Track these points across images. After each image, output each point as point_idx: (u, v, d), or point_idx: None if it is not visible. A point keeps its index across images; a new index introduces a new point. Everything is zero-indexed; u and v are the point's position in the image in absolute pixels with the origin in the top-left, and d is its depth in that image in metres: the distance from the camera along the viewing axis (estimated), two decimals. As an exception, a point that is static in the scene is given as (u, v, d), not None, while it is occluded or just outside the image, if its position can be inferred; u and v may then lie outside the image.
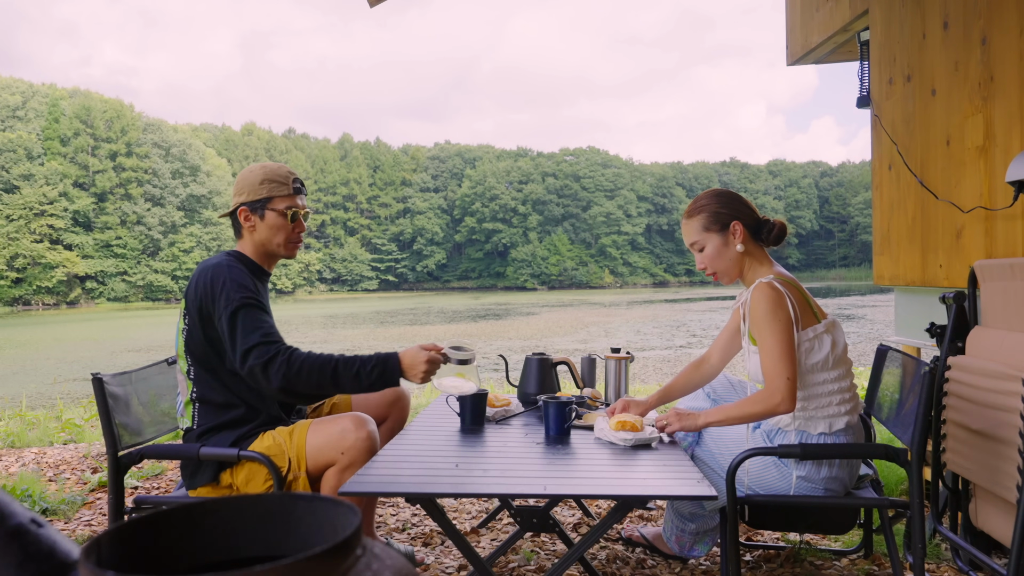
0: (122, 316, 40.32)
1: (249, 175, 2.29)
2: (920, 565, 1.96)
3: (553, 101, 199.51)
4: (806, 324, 2.03)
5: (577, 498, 3.04)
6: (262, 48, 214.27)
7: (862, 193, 75.50)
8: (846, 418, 2.05)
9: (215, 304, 2.09)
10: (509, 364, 2.97)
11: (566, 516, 3.05)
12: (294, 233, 2.31)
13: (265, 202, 2.26)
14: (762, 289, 2.02)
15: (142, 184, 58.94)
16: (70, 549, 0.62)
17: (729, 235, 2.13)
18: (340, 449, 2.07)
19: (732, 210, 2.14)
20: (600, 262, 76.91)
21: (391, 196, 77.66)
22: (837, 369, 2.06)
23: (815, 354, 2.03)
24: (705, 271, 2.19)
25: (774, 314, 1.99)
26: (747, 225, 2.14)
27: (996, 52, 2.76)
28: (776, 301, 2.00)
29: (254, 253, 2.30)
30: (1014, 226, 2.67)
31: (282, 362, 1.98)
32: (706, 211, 2.15)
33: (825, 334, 2.05)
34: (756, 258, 2.16)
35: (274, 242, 2.28)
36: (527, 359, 2.74)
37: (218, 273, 2.12)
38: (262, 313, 2.10)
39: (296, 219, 2.30)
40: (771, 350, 1.98)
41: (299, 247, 2.36)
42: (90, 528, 3.03)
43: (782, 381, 1.96)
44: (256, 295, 2.12)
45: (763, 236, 2.17)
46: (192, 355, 2.17)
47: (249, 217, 2.27)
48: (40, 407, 7.60)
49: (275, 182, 2.27)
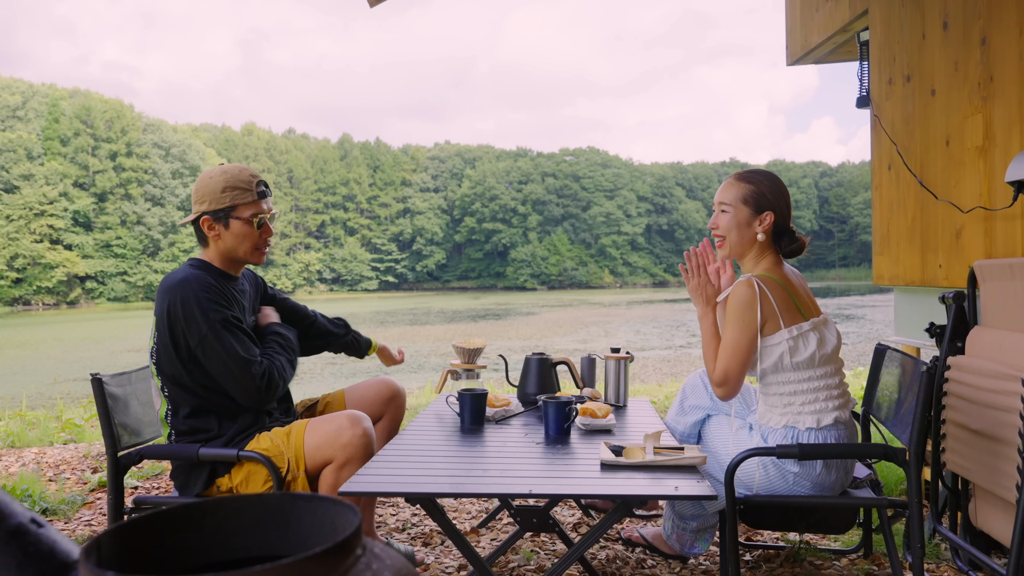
0: (122, 316, 40.32)
1: (210, 182, 2.18)
2: (919, 565, 1.96)
3: (553, 101, 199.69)
4: (789, 322, 2.05)
5: (577, 498, 3.04)
6: (262, 48, 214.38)
7: (862, 193, 75.49)
8: (835, 414, 2.05)
9: (188, 330, 2.06)
10: (509, 364, 2.97)
11: (566, 516, 3.05)
12: (261, 239, 2.24)
13: (229, 211, 2.17)
14: (739, 287, 2.07)
15: (142, 184, 58.94)
16: (70, 549, 0.62)
17: (757, 220, 2.15)
18: (337, 447, 2.07)
19: (775, 201, 2.16)
20: (600, 262, 76.90)
21: (391, 196, 77.64)
22: (824, 367, 2.07)
23: (799, 352, 2.04)
24: (715, 231, 2.22)
25: (742, 313, 2.05)
26: (776, 223, 2.16)
27: (996, 52, 2.76)
28: (748, 301, 2.04)
29: (220, 261, 2.23)
30: (1013, 226, 2.67)
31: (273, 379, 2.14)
32: (754, 187, 2.17)
33: (811, 332, 2.05)
34: (764, 252, 2.18)
35: (240, 250, 2.21)
36: (527, 359, 2.74)
37: (187, 294, 2.06)
38: (235, 334, 2.09)
39: (263, 225, 2.22)
40: (725, 344, 2.08)
41: (266, 252, 2.29)
42: (90, 528, 3.03)
43: (721, 375, 2.08)
44: (226, 309, 2.10)
45: (783, 243, 2.18)
46: (163, 373, 2.14)
47: (213, 226, 2.18)
48: (40, 407, 7.60)
49: (238, 189, 2.17)
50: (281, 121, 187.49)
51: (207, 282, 2.10)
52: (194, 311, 2.04)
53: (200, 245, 2.26)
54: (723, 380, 2.08)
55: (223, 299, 2.11)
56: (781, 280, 2.09)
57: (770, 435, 2.11)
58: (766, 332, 2.05)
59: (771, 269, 2.14)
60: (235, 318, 2.11)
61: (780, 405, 2.09)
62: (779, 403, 2.10)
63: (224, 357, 2.05)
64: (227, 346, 2.05)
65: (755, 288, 2.04)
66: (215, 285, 2.12)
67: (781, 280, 2.09)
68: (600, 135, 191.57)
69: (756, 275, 2.08)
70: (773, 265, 2.16)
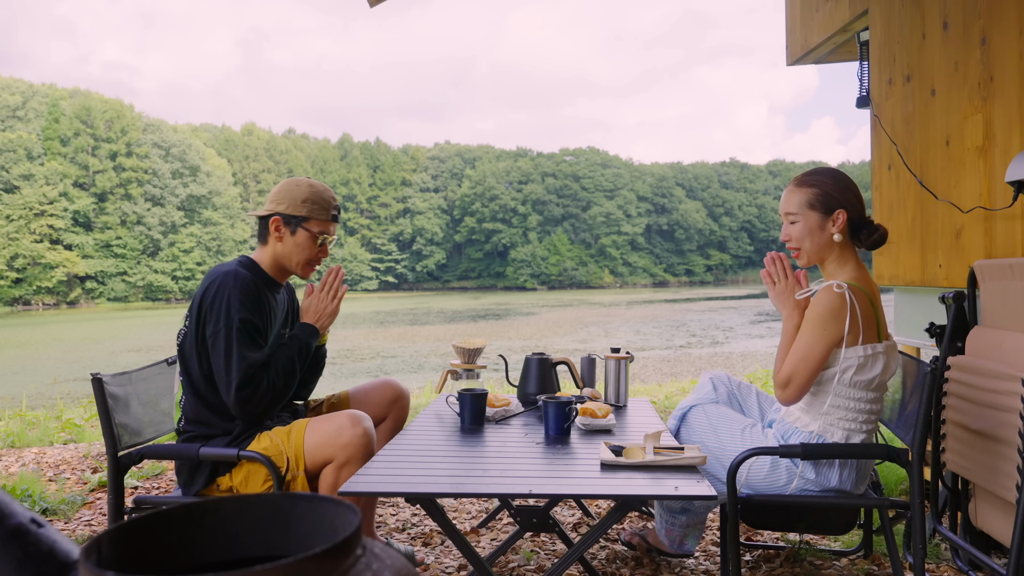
0: (122, 316, 40.33)
1: (295, 188, 2.27)
2: (920, 565, 1.96)
3: (553, 101, 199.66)
4: (867, 340, 1.97)
5: (577, 498, 3.04)
6: (262, 48, 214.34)
7: (862, 193, 75.36)
8: (863, 435, 2.03)
9: (209, 318, 2.11)
10: (509, 364, 2.97)
11: (566, 516, 3.05)
12: (316, 257, 2.31)
13: (302, 220, 2.25)
14: (830, 292, 1.96)
15: (142, 184, 58.91)
16: (70, 549, 0.62)
17: (830, 221, 2.06)
18: (337, 446, 2.08)
19: (843, 197, 2.06)
20: (600, 262, 76.89)
21: (391, 196, 77.65)
22: (876, 392, 2.03)
23: (864, 372, 1.97)
24: (788, 243, 2.12)
25: (826, 321, 1.94)
26: (851, 219, 2.07)
27: (996, 52, 2.76)
28: (836, 310, 1.94)
29: (270, 264, 2.29)
30: (1013, 226, 2.67)
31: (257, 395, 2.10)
32: (818, 188, 2.07)
33: (883, 355, 1.99)
34: (845, 253, 2.08)
35: (294, 260, 2.28)
36: (527, 359, 2.74)
37: (224, 284, 2.12)
38: (245, 340, 2.09)
39: (323, 245, 2.30)
40: (800, 347, 1.98)
41: (314, 271, 2.34)
42: (90, 528, 3.03)
43: (787, 380, 1.99)
44: (250, 312, 2.11)
45: (862, 236, 2.09)
46: (183, 356, 2.19)
47: (280, 228, 2.25)
48: (40, 407, 7.60)
49: (318, 204, 2.27)
50: (281, 121, 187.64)
51: (247, 282, 2.15)
52: (223, 302, 2.09)
53: (259, 241, 2.32)
54: (787, 382, 1.99)
55: (253, 302, 2.14)
56: (869, 292, 2.01)
57: (793, 435, 2.07)
58: (840, 344, 1.96)
59: (859, 277, 2.04)
60: (254, 326, 2.12)
61: (820, 412, 2.03)
62: (819, 409, 2.04)
63: (225, 352, 2.07)
64: (232, 345, 2.07)
65: (846, 298, 1.94)
66: (252, 288, 2.15)
67: (869, 292, 2.01)
68: (600, 135, 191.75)
69: (849, 283, 1.98)
70: (859, 271, 2.06)
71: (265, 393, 2.11)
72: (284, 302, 2.38)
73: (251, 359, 2.09)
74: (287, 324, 2.40)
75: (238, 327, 2.08)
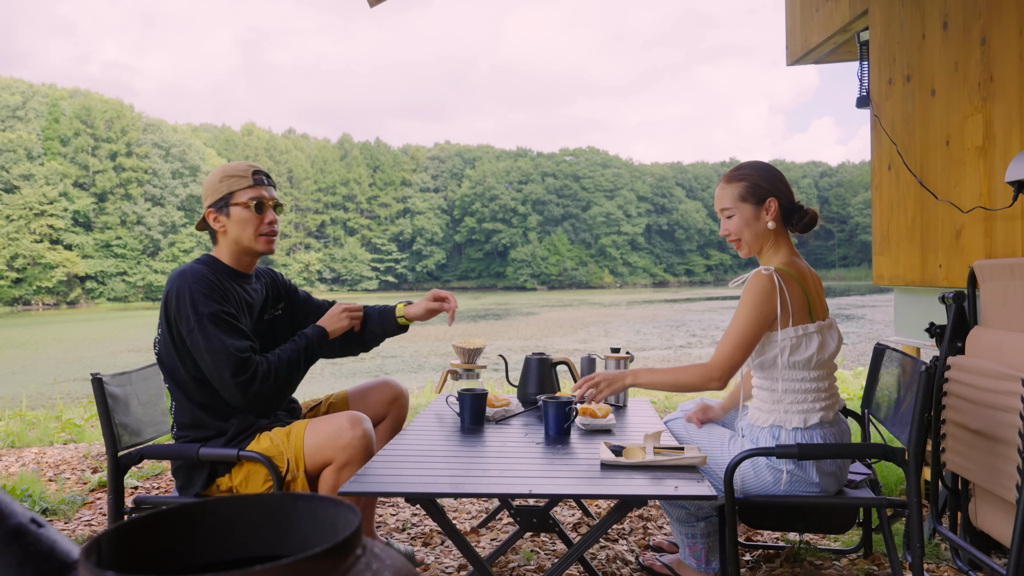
0: (122, 316, 40.32)
1: (210, 178, 2.27)
2: (919, 564, 1.96)
3: (553, 101, 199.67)
4: (798, 321, 2.03)
5: (577, 498, 3.04)
6: (262, 48, 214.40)
7: (862, 193, 75.50)
8: (820, 414, 2.06)
9: (179, 320, 2.09)
10: (509, 364, 2.97)
11: (566, 516, 3.05)
12: (264, 224, 2.25)
13: (227, 198, 2.23)
14: (759, 278, 2.04)
15: (142, 184, 58.92)
16: (70, 549, 0.62)
17: (763, 210, 2.13)
18: (336, 448, 2.08)
19: (772, 186, 2.13)
20: (600, 262, 76.89)
21: (391, 196, 77.63)
22: (819, 370, 2.06)
23: (799, 352, 2.03)
24: (728, 237, 2.19)
25: (757, 305, 2.02)
26: (782, 205, 2.14)
27: (996, 52, 2.76)
28: (765, 294, 2.02)
29: (229, 255, 2.26)
30: (1013, 226, 2.67)
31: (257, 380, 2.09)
32: (747, 181, 2.14)
33: (816, 334, 2.04)
34: (779, 240, 2.16)
35: (245, 237, 2.23)
36: (527, 359, 2.74)
37: (183, 285, 2.11)
38: (222, 328, 2.08)
39: (263, 209, 2.25)
40: (734, 333, 2.03)
41: (274, 240, 2.30)
42: (90, 528, 3.03)
43: (726, 364, 2.02)
44: (216, 304, 2.10)
45: (794, 221, 2.16)
46: (162, 364, 2.18)
47: (217, 218, 2.24)
48: (40, 407, 7.60)
49: (234, 176, 2.24)
50: (281, 121, 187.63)
51: (204, 276, 2.13)
52: (186, 302, 2.08)
53: (213, 243, 2.30)
54: (726, 371, 2.02)
55: (217, 293, 2.12)
56: (798, 276, 2.08)
57: (758, 435, 2.11)
58: (773, 327, 2.04)
59: (789, 263, 2.11)
60: (227, 313, 2.11)
61: (769, 402, 2.10)
62: (768, 400, 2.10)
63: (207, 349, 2.06)
64: (211, 338, 2.06)
65: (775, 281, 2.02)
66: (211, 279, 2.14)
67: (798, 276, 2.08)
68: (600, 135, 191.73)
69: (776, 267, 2.06)
70: (790, 257, 2.13)
71: (265, 378, 2.10)
72: (260, 290, 2.35)
73: (237, 345, 2.07)
74: (272, 305, 2.40)
75: (210, 319, 2.06)
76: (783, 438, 2.05)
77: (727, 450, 2.15)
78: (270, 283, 2.44)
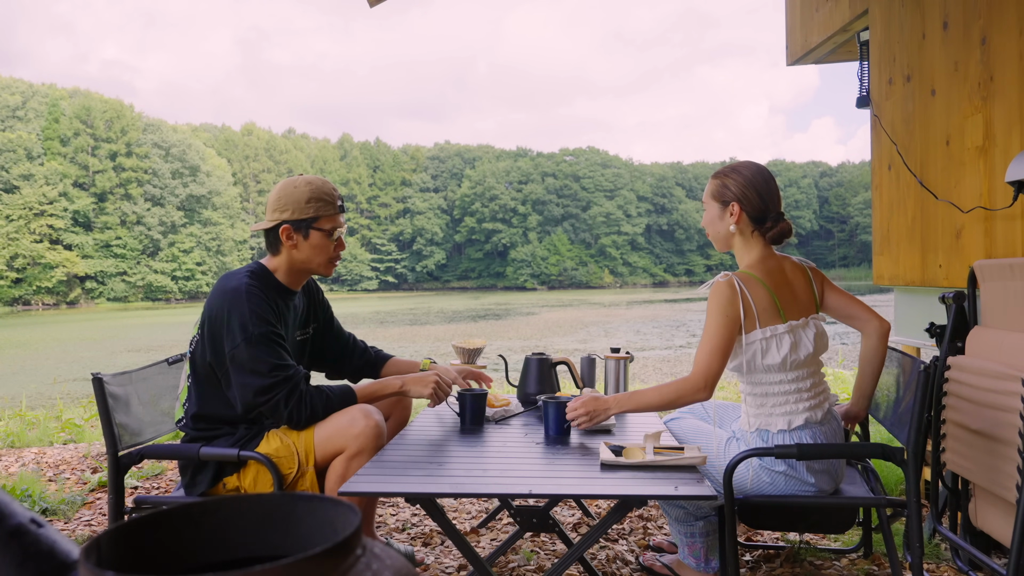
0: (122, 316, 40.33)
1: (295, 191, 2.19)
2: (918, 564, 1.96)
3: (553, 101, 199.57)
4: (765, 323, 2.03)
5: (577, 498, 3.04)
6: (262, 48, 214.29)
7: (862, 193, 75.51)
8: (805, 415, 2.05)
9: (227, 337, 2.06)
10: (509, 364, 2.97)
11: (566, 516, 3.05)
12: (335, 253, 2.26)
13: (311, 221, 2.18)
14: (719, 286, 2.06)
15: (142, 184, 58.91)
16: (70, 549, 0.62)
17: (726, 213, 2.16)
18: (349, 436, 2.08)
19: (740, 192, 2.15)
20: (600, 262, 76.91)
21: (391, 196, 77.65)
22: (796, 371, 2.05)
23: (771, 354, 2.03)
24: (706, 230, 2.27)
25: (720, 311, 2.03)
26: (747, 212, 2.15)
27: (996, 52, 2.76)
28: (727, 299, 2.03)
29: (286, 271, 2.23)
30: (1014, 226, 2.67)
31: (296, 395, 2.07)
32: (720, 181, 2.19)
33: (786, 335, 2.04)
34: (749, 242, 2.17)
35: (314, 262, 2.23)
36: (527, 359, 2.74)
37: (233, 306, 2.06)
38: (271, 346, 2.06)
39: (338, 239, 2.25)
40: (706, 342, 2.05)
41: (336, 265, 2.30)
42: (90, 528, 3.03)
43: (706, 372, 2.03)
44: (267, 325, 2.07)
45: (763, 229, 2.16)
46: (195, 366, 2.17)
47: (292, 236, 2.18)
48: (40, 407, 7.60)
49: (322, 201, 2.20)
50: (281, 121, 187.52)
51: (256, 295, 2.09)
52: (235, 322, 2.05)
53: (269, 252, 2.25)
54: (709, 379, 2.03)
55: (270, 314, 2.10)
56: (762, 278, 2.08)
57: (748, 439, 2.10)
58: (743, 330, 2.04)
59: (754, 265, 2.12)
60: (275, 334, 2.09)
61: (754, 406, 2.10)
62: (753, 403, 2.10)
63: (252, 365, 2.03)
64: (258, 355, 2.03)
65: (735, 286, 2.04)
66: (263, 298, 2.10)
67: (762, 278, 2.08)
68: (600, 135, 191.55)
69: (736, 273, 2.08)
70: (758, 260, 2.14)
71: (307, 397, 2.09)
72: (299, 307, 2.34)
73: (281, 363, 2.06)
74: (303, 325, 2.38)
75: (259, 339, 2.04)
76: (771, 441, 2.05)
77: (725, 451, 2.15)
78: (311, 300, 2.43)
